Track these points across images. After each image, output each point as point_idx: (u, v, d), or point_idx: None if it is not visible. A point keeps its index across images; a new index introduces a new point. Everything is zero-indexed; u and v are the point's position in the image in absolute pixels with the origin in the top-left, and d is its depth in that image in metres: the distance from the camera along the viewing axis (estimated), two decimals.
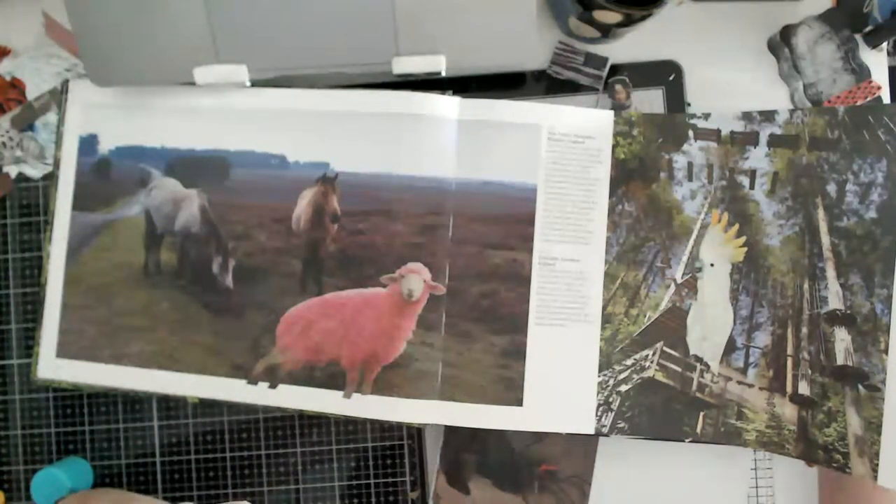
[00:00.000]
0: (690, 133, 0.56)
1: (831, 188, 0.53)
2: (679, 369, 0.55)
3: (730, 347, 0.55)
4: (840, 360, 0.52)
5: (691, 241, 0.56)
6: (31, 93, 0.59)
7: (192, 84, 0.53)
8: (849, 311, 0.52)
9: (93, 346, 0.56)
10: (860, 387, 0.51)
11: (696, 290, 0.56)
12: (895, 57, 0.61)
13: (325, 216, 0.55)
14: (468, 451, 0.56)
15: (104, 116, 0.57)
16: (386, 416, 0.54)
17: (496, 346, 0.54)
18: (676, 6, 0.59)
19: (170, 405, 0.58)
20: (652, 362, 0.55)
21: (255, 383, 0.55)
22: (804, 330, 0.54)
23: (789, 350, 0.54)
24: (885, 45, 0.58)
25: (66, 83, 0.58)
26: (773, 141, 0.55)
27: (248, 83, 0.53)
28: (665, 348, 0.56)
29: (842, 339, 0.52)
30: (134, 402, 0.58)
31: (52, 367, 0.56)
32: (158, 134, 0.57)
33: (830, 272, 0.53)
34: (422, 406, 0.54)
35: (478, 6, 0.51)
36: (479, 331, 0.54)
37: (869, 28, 0.57)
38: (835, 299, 0.52)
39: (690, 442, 0.54)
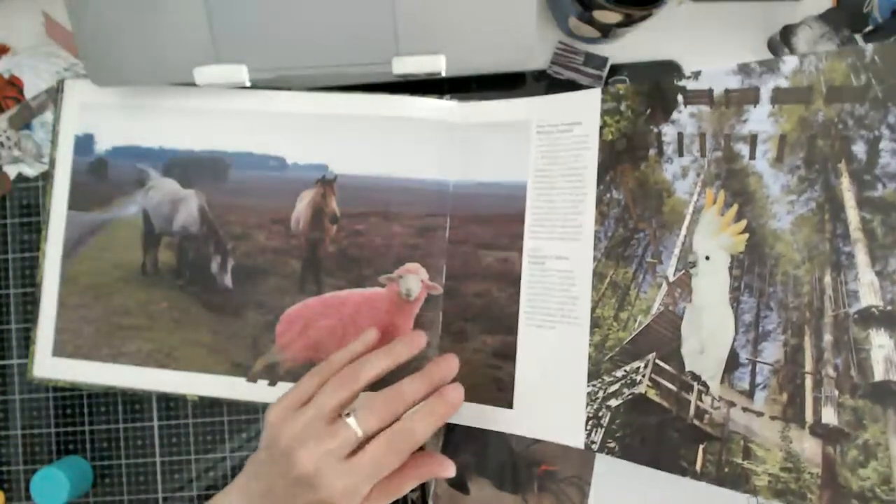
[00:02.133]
0: (680, 98, 0.48)
1: (859, 148, 0.41)
2: (674, 388, 0.46)
3: (732, 363, 0.45)
4: (879, 375, 0.39)
5: (683, 230, 0.48)
6: (30, 91, 0.59)
7: (192, 84, 0.53)
8: (889, 308, 0.40)
9: (90, 344, 0.56)
10: None
11: (690, 291, 0.47)
12: None
13: (325, 217, 0.55)
14: (467, 452, 0.57)
15: (101, 116, 0.57)
16: None
17: (488, 345, 0.53)
18: (676, 6, 0.59)
19: (170, 405, 0.58)
20: (644, 377, 0.47)
21: (255, 381, 0.55)
22: (827, 337, 0.42)
23: (808, 366, 0.42)
24: None
25: (61, 82, 0.58)
26: (779, 96, 0.44)
27: (248, 83, 0.52)
28: (658, 361, 0.47)
29: (880, 345, 0.40)
30: (134, 402, 0.59)
31: (49, 365, 0.56)
32: (156, 134, 0.57)
33: (861, 257, 0.41)
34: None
35: (478, 6, 0.51)
36: (472, 330, 0.54)
37: (869, 28, 0.57)
38: (868, 293, 0.40)
39: (690, 479, 0.45)
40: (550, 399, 0.51)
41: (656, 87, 0.50)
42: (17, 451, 0.59)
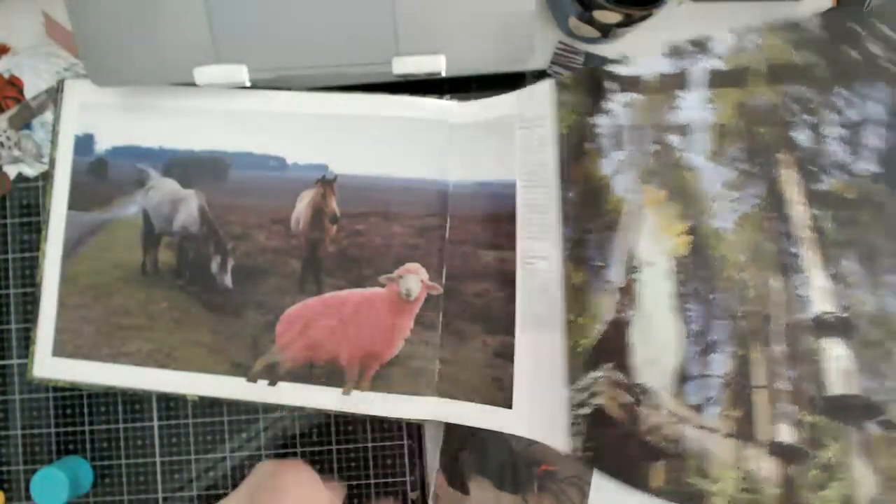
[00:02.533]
0: (611, 85, 0.44)
1: (803, 137, 0.37)
2: (629, 400, 0.43)
3: (681, 376, 0.41)
4: (837, 389, 0.36)
5: (625, 231, 0.44)
6: (30, 91, 0.59)
7: (192, 84, 0.53)
8: (845, 315, 0.36)
9: (90, 344, 0.56)
10: (870, 425, 0.35)
11: (636, 297, 0.43)
12: None
13: (325, 217, 0.55)
14: (467, 452, 0.57)
15: (101, 116, 0.57)
16: (384, 412, 0.54)
17: (489, 345, 0.53)
18: (676, 6, 0.59)
19: (170, 405, 0.58)
20: (602, 387, 0.44)
21: (255, 381, 0.55)
22: (779, 348, 0.38)
23: (760, 379, 0.38)
24: None
25: (61, 82, 0.58)
26: (714, 79, 0.40)
27: (248, 83, 0.53)
28: (613, 371, 0.44)
29: (837, 356, 0.36)
30: (134, 402, 0.59)
31: (48, 365, 0.56)
32: (156, 134, 0.57)
33: (811, 259, 0.37)
34: (419, 403, 0.54)
35: (478, 6, 0.51)
36: (473, 330, 0.54)
37: None
38: (821, 299, 0.36)
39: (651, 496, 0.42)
40: (541, 401, 0.50)
41: (591, 74, 0.46)
42: (17, 451, 0.59)
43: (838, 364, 0.36)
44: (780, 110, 0.38)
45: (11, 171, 0.59)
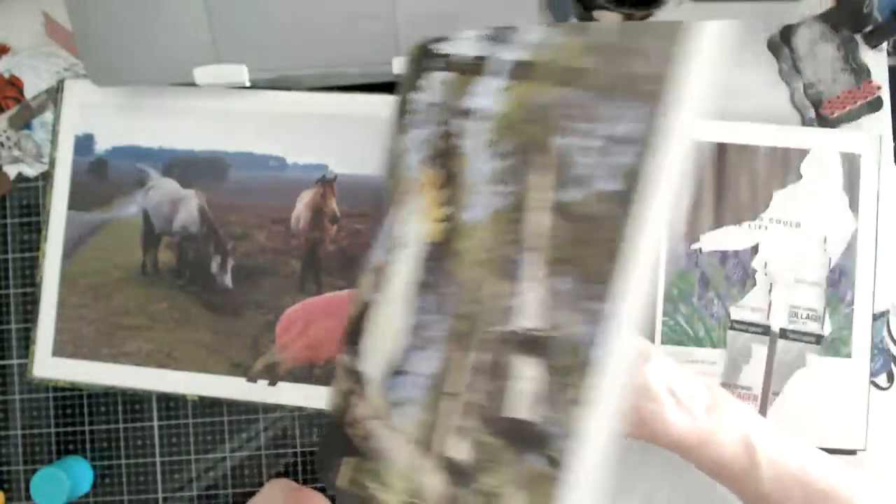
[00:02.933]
0: (433, 63, 0.42)
1: (565, 143, 0.34)
2: (350, 388, 0.41)
3: (391, 370, 0.39)
4: (517, 412, 0.33)
5: (396, 211, 0.42)
6: (30, 91, 0.59)
7: (192, 84, 0.53)
8: (547, 334, 0.33)
9: (90, 344, 0.56)
10: (534, 458, 0.32)
11: (383, 281, 0.41)
12: (895, 57, 0.61)
13: (324, 217, 0.55)
14: None
15: (101, 116, 0.57)
16: None
17: None
18: (676, 6, 0.59)
19: (170, 405, 0.58)
20: (338, 374, 0.43)
21: (255, 381, 0.55)
22: (478, 357, 0.35)
23: (453, 387, 0.35)
24: (885, 45, 0.58)
25: (61, 82, 0.57)
26: (513, 70, 0.38)
27: (248, 83, 0.53)
28: (349, 356, 0.42)
29: (527, 376, 0.33)
30: (134, 402, 0.59)
31: (48, 365, 0.56)
32: (156, 134, 0.57)
33: (533, 271, 0.34)
34: None
35: (478, 7, 0.51)
36: None
37: (869, 28, 0.57)
38: (530, 314, 0.34)
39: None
40: None
41: (419, 49, 0.44)
42: (17, 451, 0.59)
43: (526, 385, 0.33)
44: (554, 112, 0.35)
45: (11, 171, 0.59)
